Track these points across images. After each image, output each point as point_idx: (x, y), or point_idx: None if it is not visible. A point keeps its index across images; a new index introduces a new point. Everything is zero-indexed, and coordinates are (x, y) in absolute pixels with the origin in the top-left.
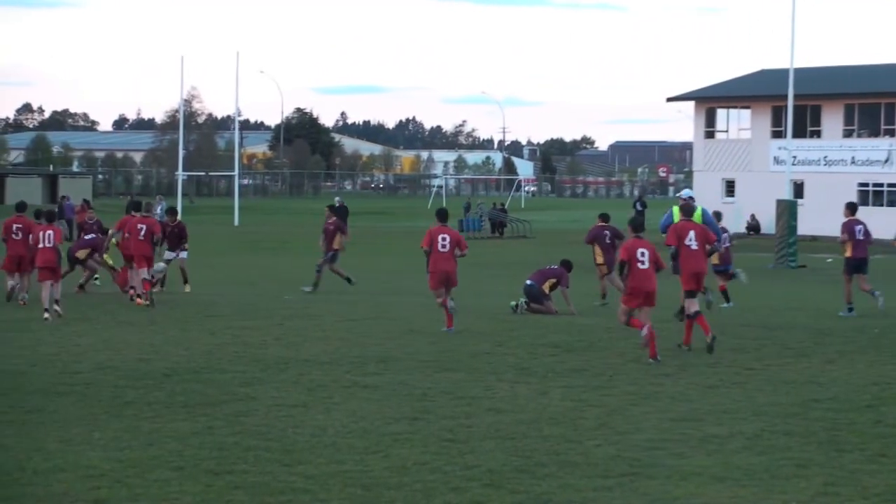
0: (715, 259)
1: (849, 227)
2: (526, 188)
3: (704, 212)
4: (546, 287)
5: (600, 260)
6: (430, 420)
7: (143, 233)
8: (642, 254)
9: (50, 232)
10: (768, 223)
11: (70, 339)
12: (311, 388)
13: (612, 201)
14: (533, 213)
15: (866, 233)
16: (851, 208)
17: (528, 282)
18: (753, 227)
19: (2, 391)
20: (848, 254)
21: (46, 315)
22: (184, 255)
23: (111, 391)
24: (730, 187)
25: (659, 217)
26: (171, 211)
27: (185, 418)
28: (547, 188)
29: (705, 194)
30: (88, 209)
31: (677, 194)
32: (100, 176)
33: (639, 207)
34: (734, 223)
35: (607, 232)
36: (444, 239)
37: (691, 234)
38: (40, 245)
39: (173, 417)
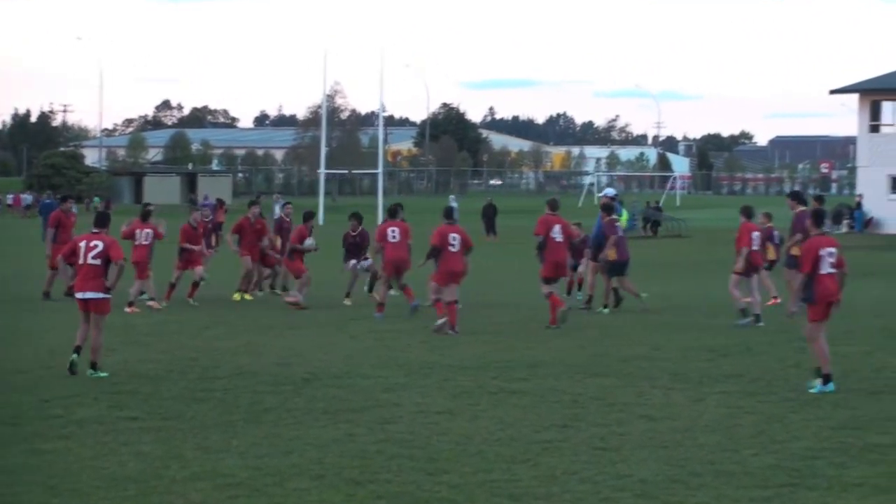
0: (771, 254)
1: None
2: (680, 186)
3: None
4: None
5: None
6: (581, 427)
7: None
8: (454, 238)
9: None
10: None
11: (208, 343)
12: (457, 395)
13: (772, 198)
14: (688, 212)
15: None
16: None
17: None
18: None
19: (140, 397)
20: None
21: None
22: (366, 262)
23: (250, 397)
24: None
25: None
26: (356, 216)
27: (326, 425)
28: (703, 185)
29: (870, 192)
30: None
31: (601, 193)
32: (240, 174)
33: None
34: None
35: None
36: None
37: (556, 227)
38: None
39: (313, 424)
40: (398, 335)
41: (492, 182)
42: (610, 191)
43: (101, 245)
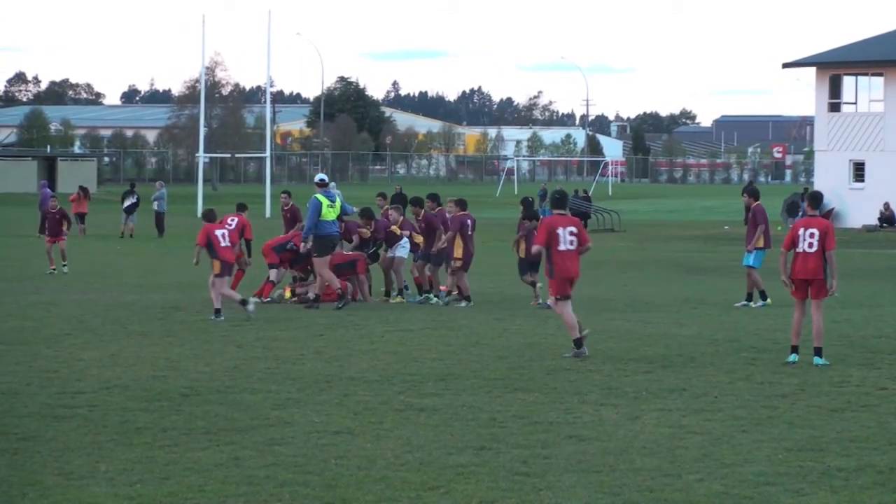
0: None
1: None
2: (614, 173)
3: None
4: None
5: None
6: (500, 450)
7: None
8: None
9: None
10: None
11: (71, 352)
12: (358, 412)
13: (718, 186)
14: (622, 202)
15: None
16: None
17: None
18: (887, 218)
19: None
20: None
21: None
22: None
23: (119, 415)
24: (858, 170)
25: (777, 204)
26: (433, 197)
27: (208, 447)
28: (639, 172)
29: (829, 178)
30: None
31: (315, 181)
32: (106, 159)
33: None
34: (863, 213)
35: (469, 222)
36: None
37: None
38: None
39: (193, 446)
40: (290, 344)
41: (398, 168)
42: (321, 176)
43: None
